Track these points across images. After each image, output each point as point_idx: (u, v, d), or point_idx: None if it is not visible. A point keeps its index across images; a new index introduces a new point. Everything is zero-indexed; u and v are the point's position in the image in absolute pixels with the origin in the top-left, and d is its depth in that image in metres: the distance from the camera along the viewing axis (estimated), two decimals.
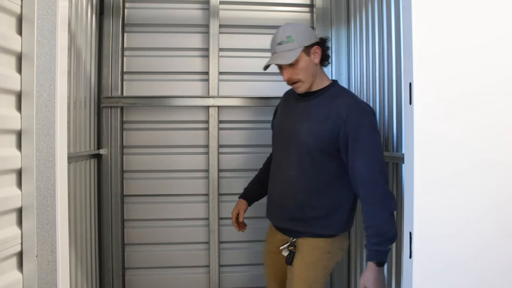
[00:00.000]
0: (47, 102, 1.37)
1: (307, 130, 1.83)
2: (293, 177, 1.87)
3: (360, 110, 1.77)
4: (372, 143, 1.72)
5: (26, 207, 1.31)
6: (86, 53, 2.38)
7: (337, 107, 1.78)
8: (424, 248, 1.22)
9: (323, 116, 1.79)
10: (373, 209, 1.68)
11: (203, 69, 2.79)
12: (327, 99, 1.83)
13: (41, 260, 1.33)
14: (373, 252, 1.66)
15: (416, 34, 1.21)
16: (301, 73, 1.81)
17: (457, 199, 1.22)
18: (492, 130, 1.23)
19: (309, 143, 1.81)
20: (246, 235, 2.81)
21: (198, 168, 2.79)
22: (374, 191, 1.68)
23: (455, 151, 1.22)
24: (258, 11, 2.85)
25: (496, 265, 1.23)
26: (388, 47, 2.05)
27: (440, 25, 1.22)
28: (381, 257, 1.66)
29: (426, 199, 1.21)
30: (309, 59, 1.82)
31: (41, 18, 1.34)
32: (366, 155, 1.70)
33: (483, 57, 1.23)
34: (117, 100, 2.66)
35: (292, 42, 1.78)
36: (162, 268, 2.78)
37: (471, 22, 1.23)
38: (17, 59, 1.31)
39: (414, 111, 1.21)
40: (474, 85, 1.23)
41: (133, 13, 2.77)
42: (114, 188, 2.67)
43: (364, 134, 1.72)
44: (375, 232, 1.65)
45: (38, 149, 1.33)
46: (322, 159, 1.81)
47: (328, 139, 1.77)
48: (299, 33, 1.81)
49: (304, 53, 1.80)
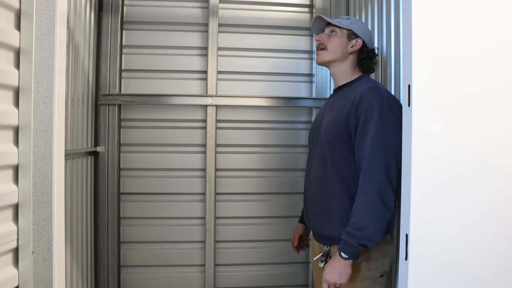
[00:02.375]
0: (45, 98, 1.37)
1: (327, 121, 1.77)
2: (320, 171, 1.77)
3: (375, 95, 1.61)
4: (380, 132, 1.56)
5: (23, 203, 1.31)
6: (85, 50, 2.37)
7: (355, 94, 1.68)
8: (420, 251, 1.22)
9: (342, 106, 1.71)
10: (363, 199, 1.54)
11: (202, 68, 2.79)
12: (350, 90, 1.76)
13: (37, 256, 1.32)
14: (342, 242, 1.56)
15: (416, 36, 1.21)
16: (331, 43, 1.80)
17: (453, 203, 1.22)
18: (489, 134, 1.23)
19: (328, 134, 1.73)
20: (242, 234, 2.82)
21: (195, 167, 2.79)
22: (371, 183, 1.54)
23: (452, 155, 1.22)
24: (257, 10, 2.86)
25: (492, 269, 1.23)
26: (387, 48, 2.06)
27: (440, 28, 1.22)
28: (346, 249, 1.54)
29: (423, 203, 1.21)
30: (346, 42, 1.80)
31: (40, 13, 1.34)
32: (371, 142, 1.56)
33: (482, 61, 1.23)
34: (115, 98, 2.65)
35: (347, 21, 1.82)
36: (158, 267, 2.77)
37: (472, 25, 1.23)
38: (15, 55, 1.31)
39: (412, 113, 1.21)
40: (473, 88, 1.23)
41: (132, 11, 2.77)
42: (110, 186, 2.67)
43: (372, 120, 1.57)
44: (353, 221, 1.54)
45: (35, 145, 1.32)
46: (346, 150, 1.68)
47: (343, 128, 1.67)
48: (357, 22, 1.84)
49: (347, 33, 1.81)
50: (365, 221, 1.52)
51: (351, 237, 1.53)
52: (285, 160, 2.85)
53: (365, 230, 1.52)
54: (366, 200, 1.54)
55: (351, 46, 1.80)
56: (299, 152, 2.87)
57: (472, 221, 1.23)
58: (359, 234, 1.52)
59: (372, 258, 1.67)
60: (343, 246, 1.56)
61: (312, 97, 2.85)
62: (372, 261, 1.67)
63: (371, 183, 1.54)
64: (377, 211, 1.52)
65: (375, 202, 1.52)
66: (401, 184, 1.29)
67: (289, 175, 2.86)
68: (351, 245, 1.53)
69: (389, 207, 1.52)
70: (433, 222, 1.22)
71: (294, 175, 2.85)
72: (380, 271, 1.69)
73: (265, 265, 2.85)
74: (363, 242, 1.53)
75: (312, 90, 2.89)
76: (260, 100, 2.77)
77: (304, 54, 2.90)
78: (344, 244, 1.55)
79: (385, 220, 1.53)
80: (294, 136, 2.86)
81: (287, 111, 2.85)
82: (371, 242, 1.54)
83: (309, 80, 2.90)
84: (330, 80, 2.84)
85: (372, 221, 1.52)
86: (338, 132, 1.69)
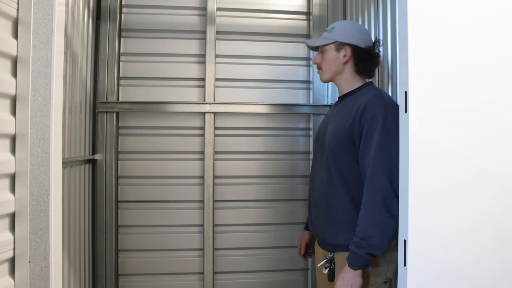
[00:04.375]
0: (42, 106, 1.37)
1: (332, 129, 1.78)
2: (324, 179, 1.78)
3: (379, 104, 1.62)
4: (383, 141, 1.56)
5: (19, 212, 1.30)
6: (82, 58, 2.38)
7: (359, 102, 1.68)
8: (419, 257, 1.21)
9: (346, 114, 1.72)
10: (368, 208, 1.55)
11: (200, 75, 2.80)
12: (354, 98, 1.76)
13: (33, 266, 1.32)
14: (350, 253, 1.58)
15: (412, 42, 1.21)
16: (325, 62, 1.83)
17: (451, 209, 1.22)
18: (487, 141, 1.23)
19: (332, 142, 1.74)
20: (241, 242, 2.81)
21: (193, 175, 2.78)
22: (376, 192, 1.54)
23: (450, 160, 1.22)
24: (255, 18, 2.87)
25: (490, 275, 1.23)
26: (384, 54, 2.06)
27: (436, 35, 1.22)
28: (353, 260, 1.56)
29: (421, 209, 1.21)
30: (336, 55, 1.80)
31: (38, 22, 1.34)
32: (374, 152, 1.57)
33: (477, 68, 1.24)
34: (113, 105, 2.65)
35: (331, 33, 1.82)
36: (156, 275, 2.76)
37: (467, 33, 1.23)
38: (13, 63, 1.31)
39: (409, 119, 1.21)
40: (470, 96, 1.23)
41: (130, 18, 2.77)
42: (108, 194, 2.66)
43: (376, 130, 1.58)
44: (359, 231, 1.56)
45: (33, 153, 1.32)
46: (350, 158, 1.69)
47: (347, 136, 1.67)
48: (342, 28, 1.83)
49: (334, 46, 1.80)
50: (370, 230, 1.53)
51: (359, 247, 1.54)
52: (284, 167, 2.85)
53: (371, 239, 1.52)
54: (371, 210, 1.54)
55: (343, 56, 1.79)
56: (297, 159, 2.87)
57: (470, 227, 1.22)
58: (366, 244, 1.53)
59: (376, 265, 1.66)
60: (351, 256, 1.57)
61: (310, 104, 2.85)
62: (376, 267, 1.66)
63: (375, 192, 1.54)
64: (382, 220, 1.52)
65: (380, 211, 1.52)
66: (399, 190, 1.29)
67: (288, 181, 2.85)
68: (359, 255, 1.54)
69: (394, 216, 1.51)
70: (431, 228, 1.22)
71: (292, 182, 2.85)
72: (384, 278, 1.68)
73: (265, 272, 2.83)
74: (370, 251, 1.54)
75: (310, 97, 2.89)
76: (258, 107, 2.77)
77: (301, 61, 2.90)
78: (353, 255, 1.56)
79: (391, 228, 1.52)
80: (292, 143, 2.86)
81: (285, 118, 2.85)
82: (378, 251, 1.54)
83: (307, 87, 2.90)
84: (327, 87, 2.85)
85: (378, 230, 1.53)
86: (342, 140, 1.70)
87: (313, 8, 2.88)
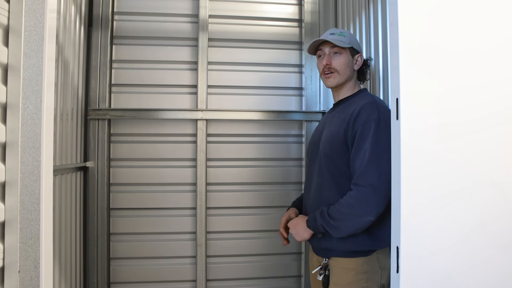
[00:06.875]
0: (33, 114, 1.35)
1: (326, 135, 1.80)
2: (319, 184, 1.80)
3: (373, 110, 1.65)
4: (375, 146, 1.59)
5: (9, 221, 1.28)
6: (74, 65, 2.37)
7: (353, 108, 1.71)
8: (411, 264, 1.22)
9: (341, 120, 1.74)
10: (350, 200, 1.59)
11: (192, 83, 2.80)
12: (349, 104, 1.80)
13: (23, 276, 1.30)
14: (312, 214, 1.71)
15: (403, 50, 1.22)
16: (341, 65, 1.81)
17: (445, 217, 1.22)
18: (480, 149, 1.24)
19: (327, 148, 1.76)
20: (233, 249, 2.80)
21: (185, 182, 2.78)
22: (361, 189, 1.58)
23: (442, 167, 1.23)
24: (247, 25, 2.88)
25: (482, 282, 1.24)
26: (375, 60, 2.08)
27: (428, 42, 1.24)
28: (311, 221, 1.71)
29: (413, 215, 1.21)
30: (351, 60, 1.83)
31: (29, 30, 1.33)
32: (365, 154, 1.59)
33: (469, 73, 1.25)
34: (105, 113, 2.64)
35: (345, 37, 1.82)
36: (148, 283, 2.73)
37: (457, 39, 1.25)
38: (3, 71, 1.30)
39: (400, 128, 1.21)
40: (462, 101, 1.24)
41: (121, 26, 2.77)
42: (100, 201, 2.64)
43: (368, 135, 1.61)
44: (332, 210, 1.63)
45: (23, 162, 1.30)
46: (345, 164, 1.70)
47: (342, 142, 1.70)
48: (352, 37, 1.86)
49: (350, 51, 1.82)
50: (341, 216, 1.61)
51: (321, 218, 1.65)
52: (276, 174, 2.85)
53: (336, 222, 1.61)
54: (351, 202, 1.60)
55: (355, 63, 1.84)
56: (289, 165, 2.87)
57: (463, 235, 1.23)
58: (328, 221, 1.63)
59: (370, 271, 1.66)
60: (312, 218, 1.71)
61: (302, 111, 2.86)
62: (370, 273, 1.67)
63: (361, 189, 1.59)
64: (355, 216, 1.59)
65: (360, 207, 1.58)
66: (391, 197, 1.29)
67: (280, 188, 2.85)
68: (316, 223, 1.67)
69: (366, 220, 1.57)
70: (424, 235, 1.22)
71: (285, 188, 2.85)
72: (379, 284, 1.68)
73: (258, 279, 2.82)
74: (327, 228, 1.65)
75: (302, 104, 2.90)
76: (250, 114, 2.78)
77: (293, 68, 2.92)
78: (313, 219, 1.70)
79: (359, 226, 1.60)
80: (285, 149, 2.87)
81: (277, 124, 2.86)
82: (334, 233, 1.64)
83: (299, 93, 2.92)
84: (320, 93, 2.86)
85: (347, 221, 1.60)
86: (337, 146, 1.72)
87: (305, 15, 2.90)
